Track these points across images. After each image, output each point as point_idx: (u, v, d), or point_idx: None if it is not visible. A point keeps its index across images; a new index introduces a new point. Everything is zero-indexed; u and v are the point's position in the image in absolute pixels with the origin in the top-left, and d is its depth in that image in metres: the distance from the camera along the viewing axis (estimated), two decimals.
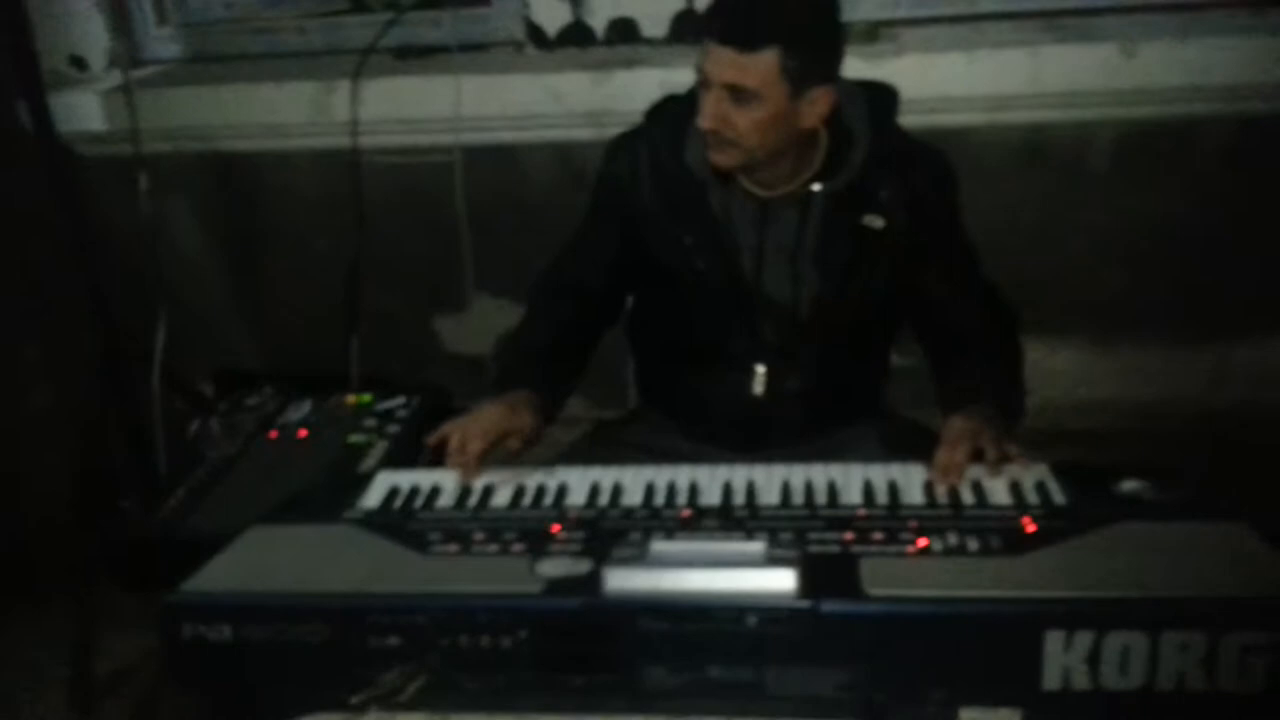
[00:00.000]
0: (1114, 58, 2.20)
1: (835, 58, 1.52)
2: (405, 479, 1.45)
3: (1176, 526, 1.20)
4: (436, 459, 1.51)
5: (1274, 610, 1.04)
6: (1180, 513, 1.23)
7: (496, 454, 1.48)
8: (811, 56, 1.45)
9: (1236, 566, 1.12)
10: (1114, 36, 2.22)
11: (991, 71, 2.25)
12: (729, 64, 1.44)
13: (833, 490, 1.35)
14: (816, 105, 1.49)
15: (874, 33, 2.35)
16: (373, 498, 1.40)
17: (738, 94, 1.45)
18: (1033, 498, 1.30)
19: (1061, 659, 1.04)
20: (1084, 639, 1.04)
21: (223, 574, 1.22)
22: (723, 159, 1.53)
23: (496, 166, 2.54)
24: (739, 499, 1.35)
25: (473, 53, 2.54)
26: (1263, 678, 1.02)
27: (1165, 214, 2.34)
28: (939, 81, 2.24)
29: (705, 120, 1.49)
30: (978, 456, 1.38)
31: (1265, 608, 1.05)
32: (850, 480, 1.37)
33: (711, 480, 1.39)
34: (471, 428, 1.48)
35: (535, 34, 2.50)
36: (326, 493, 1.43)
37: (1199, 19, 2.26)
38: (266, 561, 1.24)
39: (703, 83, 1.49)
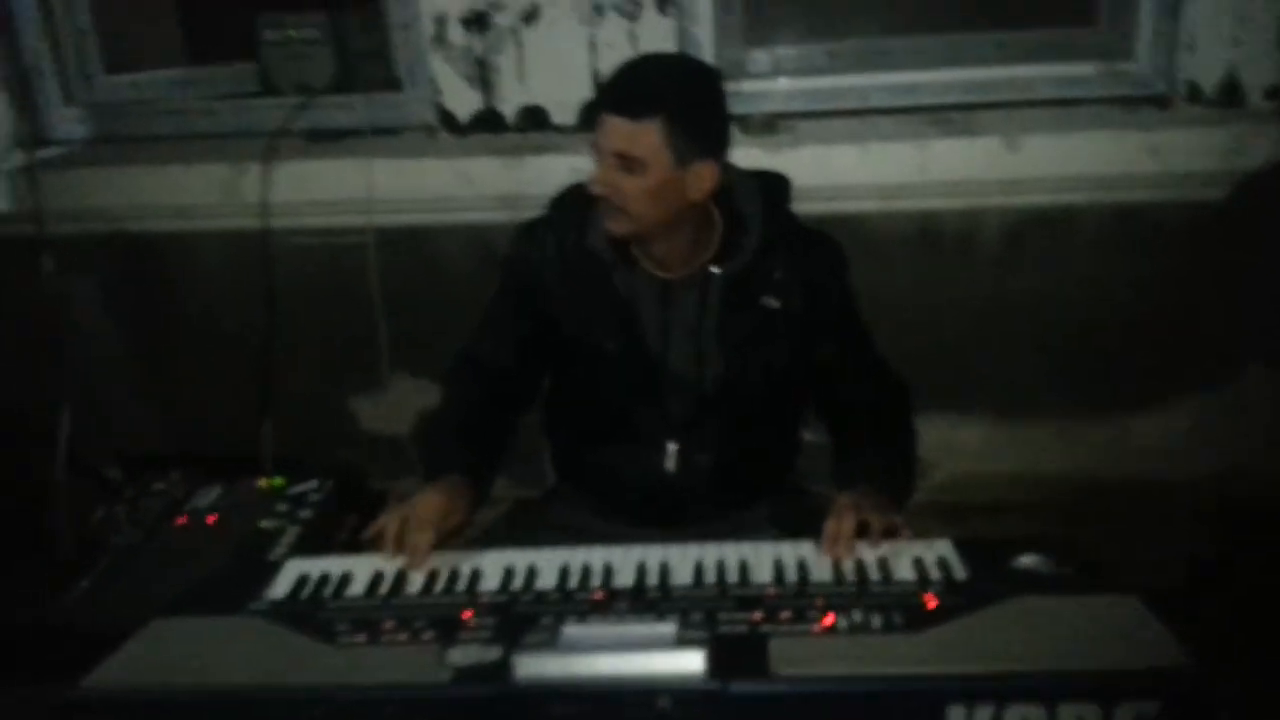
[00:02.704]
0: (998, 150, 2.33)
1: (719, 134, 1.60)
2: (315, 567, 1.43)
3: (1071, 600, 1.24)
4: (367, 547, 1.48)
5: (1162, 680, 1.09)
6: (1074, 587, 1.27)
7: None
8: (695, 129, 1.53)
9: (1127, 638, 1.16)
10: (997, 130, 2.35)
11: (882, 162, 2.36)
12: (618, 133, 1.51)
13: (744, 569, 1.37)
14: (702, 179, 1.56)
15: (772, 125, 2.44)
16: (280, 587, 1.37)
17: (626, 162, 1.52)
18: (935, 573, 1.33)
19: None
20: (984, 712, 1.07)
21: (122, 670, 1.18)
22: (615, 226, 1.58)
23: (410, 248, 2.55)
24: (652, 579, 1.35)
25: (385, 137, 2.57)
26: None
27: (1051, 295, 2.45)
28: (834, 171, 2.34)
29: (596, 186, 1.56)
30: (864, 531, 1.42)
31: (1154, 678, 1.09)
32: (761, 559, 1.39)
33: (625, 560, 1.40)
34: (417, 517, 1.46)
35: (447, 119, 2.54)
36: (232, 582, 1.40)
37: (1075, 114, 2.40)
38: (167, 656, 1.21)
39: (596, 155, 1.56)
